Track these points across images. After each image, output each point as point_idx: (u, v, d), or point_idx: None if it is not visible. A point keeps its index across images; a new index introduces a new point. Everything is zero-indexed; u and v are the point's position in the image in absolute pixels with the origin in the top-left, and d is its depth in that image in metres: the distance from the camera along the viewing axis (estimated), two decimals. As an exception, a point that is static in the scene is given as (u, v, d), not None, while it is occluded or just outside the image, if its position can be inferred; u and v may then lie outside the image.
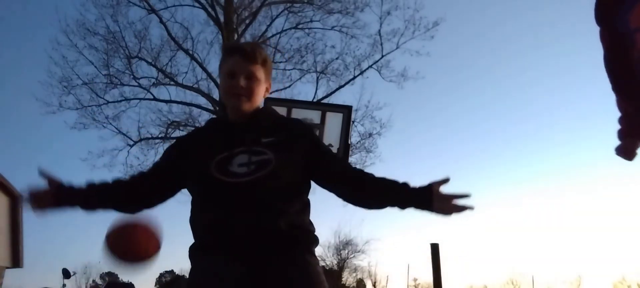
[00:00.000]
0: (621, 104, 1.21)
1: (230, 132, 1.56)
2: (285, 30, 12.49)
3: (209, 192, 1.50)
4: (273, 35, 12.37)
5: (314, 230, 1.57)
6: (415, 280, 27.99)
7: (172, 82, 12.10)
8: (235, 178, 1.45)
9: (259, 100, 1.60)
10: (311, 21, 12.52)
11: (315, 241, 1.55)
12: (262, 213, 1.44)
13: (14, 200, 15.85)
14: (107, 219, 1.54)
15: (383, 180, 1.53)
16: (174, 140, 1.73)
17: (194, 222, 1.55)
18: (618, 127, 1.16)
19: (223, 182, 1.46)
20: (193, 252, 1.54)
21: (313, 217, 1.59)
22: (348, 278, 30.47)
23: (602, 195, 41.35)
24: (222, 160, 1.48)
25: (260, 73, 1.57)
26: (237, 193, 1.45)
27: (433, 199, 1.45)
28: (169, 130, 12.20)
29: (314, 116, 4.80)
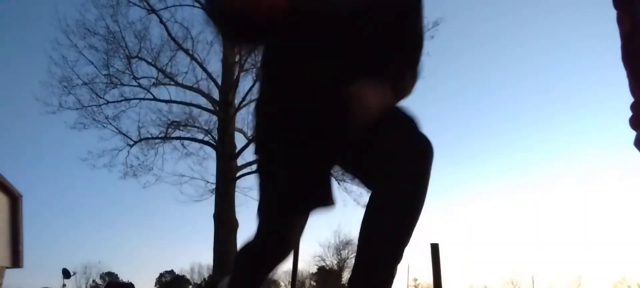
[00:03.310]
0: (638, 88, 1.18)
1: None
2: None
3: None
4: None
5: None
6: (415, 280, 27.98)
7: (172, 82, 12.10)
8: None
9: None
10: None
11: None
12: None
13: (14, 200, 15.84)
14: (105, 221, 1.40)
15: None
16: None
17: None
18: (631, 114, 1.13)
19: None
20: None
21: (313, 218, 1.57)
22: (348, 278, 30.38)
23: (603, 196, 41.37)
24: None
25: None
26: None
27: None
28: (169, 130, 12.21)
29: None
